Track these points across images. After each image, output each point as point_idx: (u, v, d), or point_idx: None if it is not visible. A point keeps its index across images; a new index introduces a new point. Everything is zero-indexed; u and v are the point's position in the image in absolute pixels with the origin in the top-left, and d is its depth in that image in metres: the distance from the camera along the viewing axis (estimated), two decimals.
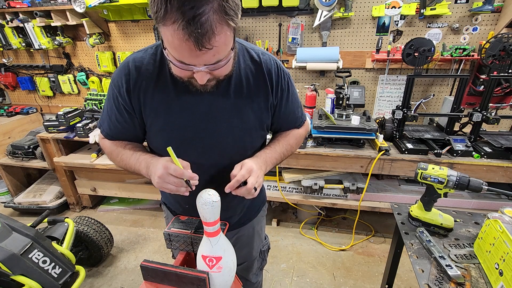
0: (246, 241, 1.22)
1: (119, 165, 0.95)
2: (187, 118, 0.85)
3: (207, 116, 0.85)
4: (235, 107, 0.86)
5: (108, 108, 0.89)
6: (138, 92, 0.83)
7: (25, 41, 2.69)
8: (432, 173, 1.05)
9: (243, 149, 0.93)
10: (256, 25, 2.37)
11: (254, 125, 0.91)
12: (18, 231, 1.51)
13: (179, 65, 0.67)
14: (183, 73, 0.71)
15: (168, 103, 0.83)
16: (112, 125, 0.91)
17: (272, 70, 0.89)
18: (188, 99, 0.83)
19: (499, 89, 2.10)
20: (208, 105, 0.85)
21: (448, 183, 1.03)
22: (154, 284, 0.86)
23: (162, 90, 0.82)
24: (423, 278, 0.94)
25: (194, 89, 0.79)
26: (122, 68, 0.83)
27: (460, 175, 1.02)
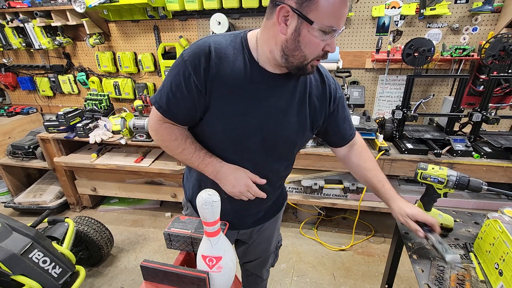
0: (267, 236, 1.26)
1: (175, 155, 0.96)
2: (255, 107, 0.87)
3: (274, 108, 0.89)
4: (299, 105, 0.92)
5: (174, 84, 0.85)
6: (216, 74, 0.82)
7: (25, 41, 2.69)
8: (432, 173, 1.05)
9: (293, 145, 0.99)
10: (256, 25, 2.37)
11: (309, 125, 0.96)
12: (18, 231, 1.51)
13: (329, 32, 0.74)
14: (318, 47, 0.77)
15: (241, 90, 0.85)
16: (173, 101, 0.86)
17: (331, 81, 0.98)
18: (260, 90, 0.87)
19: (499, 89, 2.10)
20: (277, 98, 0.88)
21: (448, 183, 1.03)
22: (154, 284, 0.86)
23: (236, 77, 0.84)
24: (423, 278, 0.94)
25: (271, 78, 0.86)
26: (202, 47, 0.82)
27: (460, 175, 1.02)
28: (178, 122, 0.92)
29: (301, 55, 0.78)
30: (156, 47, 2.60)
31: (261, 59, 0.85)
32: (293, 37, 0.75)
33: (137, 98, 2.73)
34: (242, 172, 0.91)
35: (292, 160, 1.09)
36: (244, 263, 1.40)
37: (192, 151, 0.92)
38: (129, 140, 2.33)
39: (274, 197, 1.15)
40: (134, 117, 2.32)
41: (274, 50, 0.81)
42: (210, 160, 0.92)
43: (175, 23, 2.52)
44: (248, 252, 1.31)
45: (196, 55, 0.82)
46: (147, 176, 2.58)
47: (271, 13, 0.78)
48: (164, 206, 2.87)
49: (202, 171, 0.94)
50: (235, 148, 0.92)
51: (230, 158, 0.94)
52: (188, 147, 0.93)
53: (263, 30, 0.84)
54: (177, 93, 0.85)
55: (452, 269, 0.98)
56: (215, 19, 2.24)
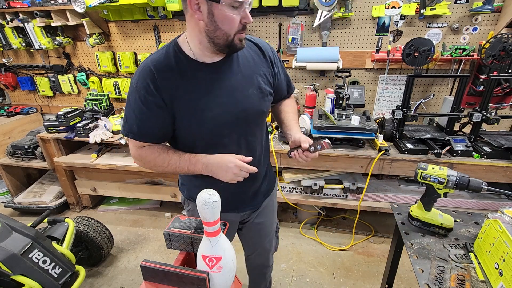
0: (269, 214, 1.33)
1: (165, 171, 1.03)
2: (218, 95, 0.95)
3: (231, 90, 0.97)
4: (248, 78, 1.00)
5: (135, 111, 0.94)
6: (166, 86, 0.91)
7: (25, 41, 2.69)
8: (432, 173, 1.05)
9: (261, 114, 1.07)
10: (256, 25, 2.37)
11: (263, 92, 1.05)
12: (18, 231, 1.51)
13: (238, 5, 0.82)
14: (235, 21, 0.84)
15: (195, 88, 0.93)
16: (142, 125, 0.96)
17: (265, 46, 1.08)
18: (213, 78, 0.95)
19: (499, 89, 2.10)
20: (229, 80, 0.97)
21: (448, 183, 1.03)
22: (154, 284, 0.86)
23: (187, 78, 0.92)
24: (423, 278, 0.94)
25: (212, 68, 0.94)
26: (143, 71, 0.91)
27: (460, 175, 1.02)
28: (154, 141, 1.00)
29: (223, 33, 0.86)
30: (156, 47, 2.60)
31: (197, 54, 0.93)
32: (209, 20, 0.84)
33: None
34: (228, 156, 0.96)
35: (265, 128, 1.18)
36: (249, 255, 1.46)
37: (178, 158, 0.99)
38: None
39: (263, 171, 1.23)
40: None
41: (201, 39, 0.89)
42: (196, 159, 0.98)
43: (175, 23, 2.52)
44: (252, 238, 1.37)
45: (142, 79, 0.91)
46: (147, 176, 2.58)
47: (186, 8, 0.87)
48: (164, 206, 2.87)
49: (193, 172, 1.00)
50: (215, 139, 1.00)
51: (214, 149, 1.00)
52: (172, 157, 0.99)
53: (187, 28, 0.92)
54: (142, 117, 0.94)
55: (452, 269, 0.98)
56: None
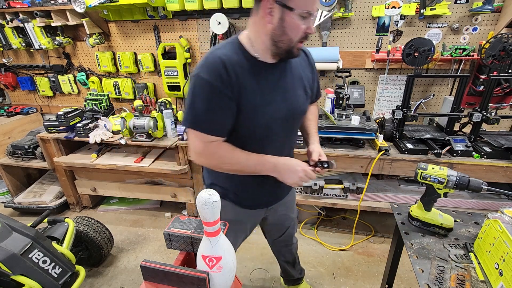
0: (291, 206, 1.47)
1: (230, 169, 1.06)
2: (275, 94, 1.02)
3: (285, 90, 1.05)
4: (297, 80, 1.09)
5: (205, 102, 0.94)
6: (236, 79, 0.94)
7: (25, 41, 2.69)
8: (432, 173, 1.05)
9: (304, 114, 1.19)
10: None
11: (308, 94, 1.15)
12: (18, 231, 1.51)
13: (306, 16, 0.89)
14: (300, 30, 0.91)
15: (255, 86, 0.98)
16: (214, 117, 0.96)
17: (308, 53, 1.18)
18: (271, 78, 1.02)
19: (499, 89, 2.10)
20: (284, 80, 1.05)
21: (448, 183, 1.03)
22: (154, 284, 0.86)
23: (252, 75, 0.98)
24: (423, 278, 0.94)
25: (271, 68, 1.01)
26: (214, 63, 0.92)
27: (460, 175, 1.02)
28: (224, 135, 1.01)
29: (288, 39, 0.92)
30: (156, 47, 2.60)
31: (259, 54, 0.99)
32: (279, 24, 0.90)
33: (137, 98, 2.73)
34: (296, 161, 1.05)
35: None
36: (274, 240, 1.58)
37: (246, 157, 1.03)
38: (129, 140, 2.33)
39: None
40: (134, 117, 2.32)
41: (265, 41, 0.95)
42: (264, 159, 1.04)
43: (175, 23, 2.52)
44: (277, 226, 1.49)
45: (214, 71, 0.91)
46: (147, 176, 2.58)
47: (256, 10, 0.93)
48: (164, 206, 2.87)
49: (260, 172, 1.05)
50: (267, 134, 1.06)
51: (263, 145, 1.07)
52: (240, 155, 1.03)
53: (252, 28, 0.98)
54: (215, 108, 0.95)
55: (452, 269, 0.98)
56: (215, 19, 2.24)
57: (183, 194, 2.54)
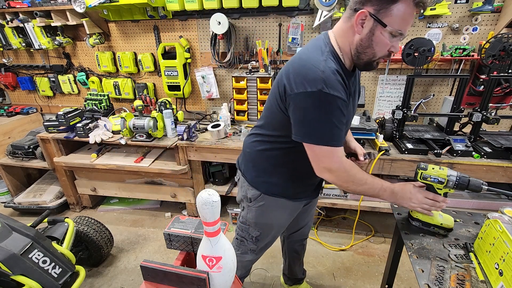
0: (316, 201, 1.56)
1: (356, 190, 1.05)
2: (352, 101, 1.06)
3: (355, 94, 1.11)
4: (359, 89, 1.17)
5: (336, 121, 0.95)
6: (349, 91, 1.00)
7: (25, 41, 2.69)
8: (432, 173, 1.05)
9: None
10: (256, 25, 2.37)
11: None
12: (18, 231, 1.51)
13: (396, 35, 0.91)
14: (386, 47, 0.93)
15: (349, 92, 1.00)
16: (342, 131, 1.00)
17: None
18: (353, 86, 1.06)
19: (499, 89, 2.10)
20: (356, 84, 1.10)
21: (448, 183, 1.03)
22: (154, 284, 0.86)
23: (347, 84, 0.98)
24: (423, 278, 0.94)
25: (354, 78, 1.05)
26: (330, 74, 0.91)
27: (460, 175, 1.02)
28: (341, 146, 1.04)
29: (372, 52, 0.94)
30: (156, 47, 2.60)
31: (345, 60, 1.01)
32: (368, 37, 0.92)
33: (137, 98, 2.73)
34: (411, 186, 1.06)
35: None
36: (292, 233, 1.62)
37: (372, 179, 1.05)
38: (129, 140, 2.33)
39: None
40: (134, 117, 2.32)
41: (348, 50, 0.98)
42: (387, 185, 1.05)
43: (175, 23, 2.52)
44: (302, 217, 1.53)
45: (336, 85, 0.92)
46: (147, 176, 2.58)
47: (349, 18, 0.95)
48: (164, 206, 2.87)
49: (379, 197, 1.06)
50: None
51: None
52: (367, 177, 1.05)
53: (340, 34, 0.99)
54: (342, 126, 0.97)
55: (452, 269, 0.98)
56: (215, 19, 2.24)
57: (183, 194, 2.54)
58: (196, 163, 2.39)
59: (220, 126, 2.27)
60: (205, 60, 2.58)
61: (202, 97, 2.65)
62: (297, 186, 1.25)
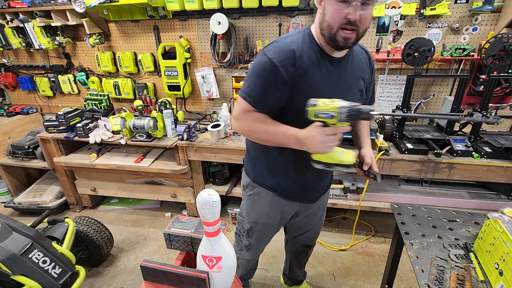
0: (322, 207, 1.50)
1: (258, 138, 1.10)
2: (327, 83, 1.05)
3: (339, 82, 1.08)
4: (355, 79, 1.11)
5: (261, 80, 1.02)
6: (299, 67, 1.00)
7: (25, 41, 2.69)
8: (323, 108, 0.95)
9: None
10: (256, 25, 2.37)
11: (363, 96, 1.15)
12: (18, 231, 1.51)
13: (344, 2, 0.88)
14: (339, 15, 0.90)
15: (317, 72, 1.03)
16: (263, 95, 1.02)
17: (371, 57, 1.19)
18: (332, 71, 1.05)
19: (499, 89, 2.10)
20: (343, 76, 1.08)
21: (341, 116, 0.93)
22: (154, 284, 0.86)
23: (312, 63, 1.02)
24: (423, 278, 0.94)
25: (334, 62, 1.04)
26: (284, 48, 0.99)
27: (351, 105, 0.92)
28: (266, 111, 1.06)
29: (327, 25, 0.94)
30: (156, 47, 2.60)
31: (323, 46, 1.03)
32: (322, 12, 0.96)
33: (137, 98, 2.73)
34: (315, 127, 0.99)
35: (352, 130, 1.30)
36: (295, 236, 1.59)
37: (274, 129, 1.04)
38: (129, 140, 2.33)
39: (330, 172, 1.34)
40: (134, 117, 2.32)
41: (318, 32, 1.00)
42: (290, 133, 1.02)
43: (175, 23, 2.52)
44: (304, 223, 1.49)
45: (281, 55, 0.98)
46: (147, 176, 2.58)
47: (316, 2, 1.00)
48: (164, 206, 2.87)
49: (285, 145, 1.05)
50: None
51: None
52: (270, 127, 1.05)
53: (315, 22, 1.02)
54: (266, 87, 1.01)
55: (452, 269, 0.98)
56: (215, 19, 2.24)
57: (183, 194, 2.54)
58: (196, 163, 2.39)
59: (220, 126, 2.27)
60: (205, 60, 2.58)
61: (202, 97, 2.65)
62: (280, 178, 1.24)
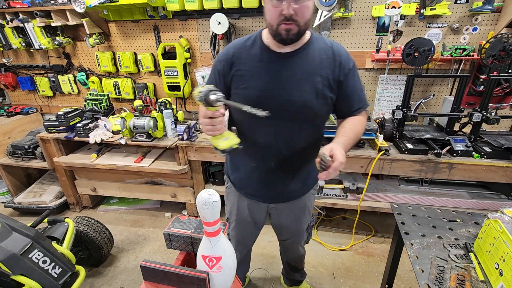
0: (299, 215, 1.41)
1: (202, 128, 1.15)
2: (266, 79, 1.07)
3: (283, 78, 1.07)
4: (307, 75, 1.07)
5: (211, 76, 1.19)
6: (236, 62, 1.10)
7: (25, 41, 2.69)
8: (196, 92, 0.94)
9: (311, 112, 1.11)
10: (256, 25, 2.37)
11: (320, 93, 1.09)
12: (18, 231, 1.51)
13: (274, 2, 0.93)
14: (275, 12, 0.95)
15: (255, 69, 1.08)
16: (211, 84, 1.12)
17: (341, 52, 1.12)
18: (272, 66, 1.08)
19: (499, 89, 2.10)
20: (286, 70, 1.07)
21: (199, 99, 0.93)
22: (154, 284, 0.86)
23: (252, 60, 1.09)
24: (423, 278, 0.94)
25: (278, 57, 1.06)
26: (225, 48, 1.16)
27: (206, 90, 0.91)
28: None
29: (268, 23, 1.01)
30: (156, 47, 2.60)
31: (270, 43, 1.08)
32: (264, 12, 1.01)
33: (137, 98, 2.73)
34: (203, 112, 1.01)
35: (316, 132, 1.22)
36: (281, 240, 1.60)
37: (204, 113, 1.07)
38: (129, 140, 2.33)
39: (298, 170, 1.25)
40: (134, 117, 2.32)
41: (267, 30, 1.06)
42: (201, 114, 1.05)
43: (175, 23, 2.52)
44: (281, 230, 1.51)
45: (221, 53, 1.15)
46: (147, 176, 2.58)
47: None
48: (164, 206, 2.87)
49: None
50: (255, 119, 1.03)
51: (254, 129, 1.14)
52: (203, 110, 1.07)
53: None
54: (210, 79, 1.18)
55: (452, 269, 0.98)
56: (215, 19, 2.24)
57: (183, 194, 2.54)
58: (196, 163, 2.39)
59: None
60: (205, 60, 2.58)
61: None
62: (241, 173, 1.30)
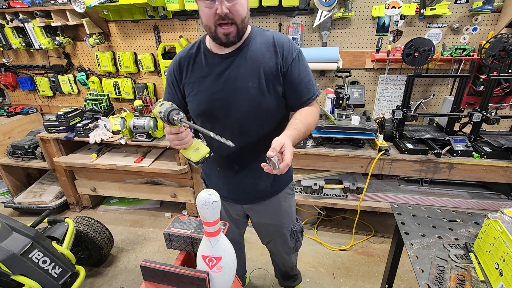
0: (275, 215, 1.37)
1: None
2: (213, 83, 1.08)
3: (228, 78, 1.07)
4: (251, 71, 1.06)
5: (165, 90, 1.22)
6: (184, 70, 1.13)
7: (25, 41, 2.69)
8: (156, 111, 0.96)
9: (259, 108, 1.09)
10: (255, 25, 2.36)
11: (267, 87, 1.07)
12: (18, 231, 1.51)
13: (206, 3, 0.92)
14: (209, 13, 0.94)
15: (202, 74, 1.10)
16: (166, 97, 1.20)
17: (283, 42, 1.08)
18: (217, 69, 1.08)
19: (499, 89, 2.10)
20: (230, 70, 1.07)
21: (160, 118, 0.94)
22: (154, 284, 0.86)
23: (198, 66, 1.11)
24: (423, 278, 0.94)
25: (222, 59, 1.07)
26: (173, 59, 1.17)
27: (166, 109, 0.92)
28: None
29: (205, 25, 1.00)
30: (156, 47, 2.60)
31: (211, 46, 1.09)
32: (200, 15, 1.00)
33: (137, 98, 2.73)
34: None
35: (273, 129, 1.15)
36: (265, 244, 1.56)
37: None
38: (129, 140, 2.33)
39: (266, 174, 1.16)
40: (134, 117, 2.32)
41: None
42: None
43: (175, 23, 2.52)
44: (261, 231, 1.48)
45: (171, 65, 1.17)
46: (147, 176, 2.58)
47: None
48: (164, 206, 2.87)
49: None
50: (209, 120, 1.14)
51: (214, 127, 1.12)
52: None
53: None
54: (166, 91, 1.21)
55: (452, 269, 0.98)
56: None
57: (183, 194, 2.54)
58: None
59: None
60: None
61: None
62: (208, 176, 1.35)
